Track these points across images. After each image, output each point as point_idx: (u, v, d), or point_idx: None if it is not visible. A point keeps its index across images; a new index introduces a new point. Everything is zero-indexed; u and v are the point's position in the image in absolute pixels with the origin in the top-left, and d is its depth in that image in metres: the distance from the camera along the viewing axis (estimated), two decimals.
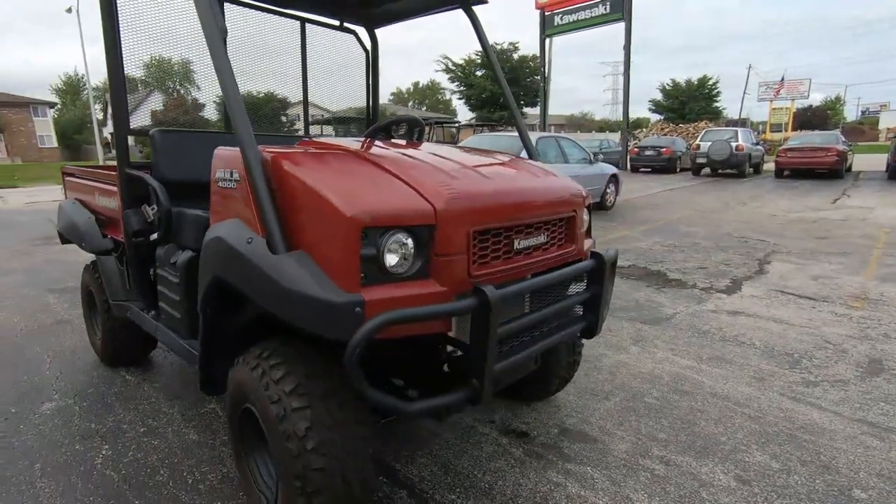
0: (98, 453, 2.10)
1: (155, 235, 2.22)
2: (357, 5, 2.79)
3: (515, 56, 26.32)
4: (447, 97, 29.51)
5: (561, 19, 20.87)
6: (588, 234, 2.25)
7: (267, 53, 3.07)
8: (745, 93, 39.38)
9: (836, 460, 2.08)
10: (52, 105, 40.99)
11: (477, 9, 2.56)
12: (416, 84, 79.36)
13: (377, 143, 1.99)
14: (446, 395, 1.45)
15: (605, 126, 52.66)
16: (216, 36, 1.49)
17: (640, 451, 2.14)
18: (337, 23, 3.02)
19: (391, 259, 1.36)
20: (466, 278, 1.45)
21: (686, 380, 2.79)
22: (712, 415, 2.43)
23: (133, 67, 2.65)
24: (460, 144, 8.95)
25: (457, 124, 21.31)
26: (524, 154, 6.56)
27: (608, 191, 9.56)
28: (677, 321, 3.75)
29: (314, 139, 1.93)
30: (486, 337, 1.39)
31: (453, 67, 26.60)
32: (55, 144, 39.11)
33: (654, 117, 40.94)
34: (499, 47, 25.98)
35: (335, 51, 3.21)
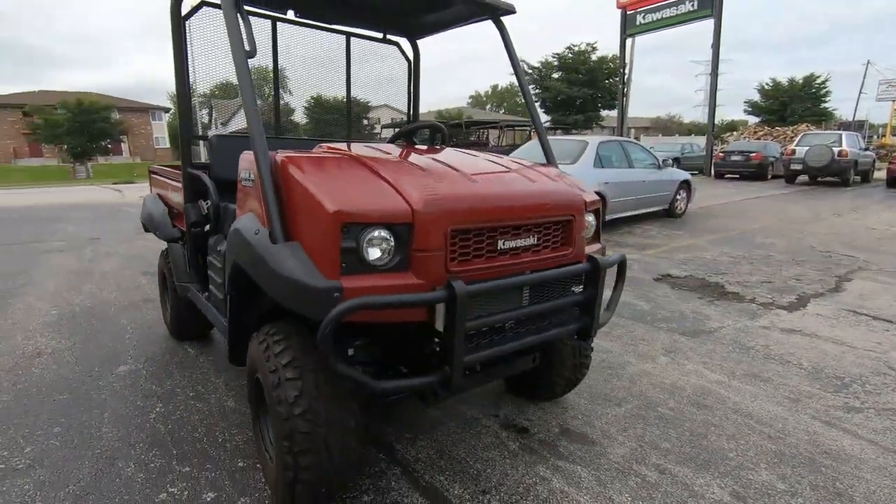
0: (153, 410, 2.47)
1: (208, 226, 2.57)
2: (399, 18, 3.00)
3: (594, 57, 25.56)
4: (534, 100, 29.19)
5: (644, 18, 20.04)
6: (597, 238, 2.27)
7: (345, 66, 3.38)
8: (860, 92, 35.25)
9: (853, 489, 1.95)
10: (166, 110, 45.99)
11: (514, 18, 2.66)
12: (494, 87, 79.48)
13: (390, 148, 2.17)
14: (416, 378, 1.59)
15: (693, 129, 49.51)
16: (241, 55, 1.74)
17: (638, 457, 2.14)
18: (380, 35, 3.25)
19: (372, 252, 1.53)
20: (444, 273, 1.58)
21: (710, 394, 2.70)
22: (727, 430, 2.35)
23: (229, 77, 3.09)
24: (518, 150, 8.96)
25: (529, 127, 21.12)
26: (587, 158, 6.49)
27: (678, 198, 9.11)
28: (720, 335, 3.58)
29: (331, 144, 2.14)
30: (452, 328, 1.52)
31: (529, 70, 26.38)
32: (168, 145, 43.93)
33: (752, 119, 37.83)
34: (576, 48, 25.42)
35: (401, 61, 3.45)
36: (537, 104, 28.74)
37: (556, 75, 26.57)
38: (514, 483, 1.96)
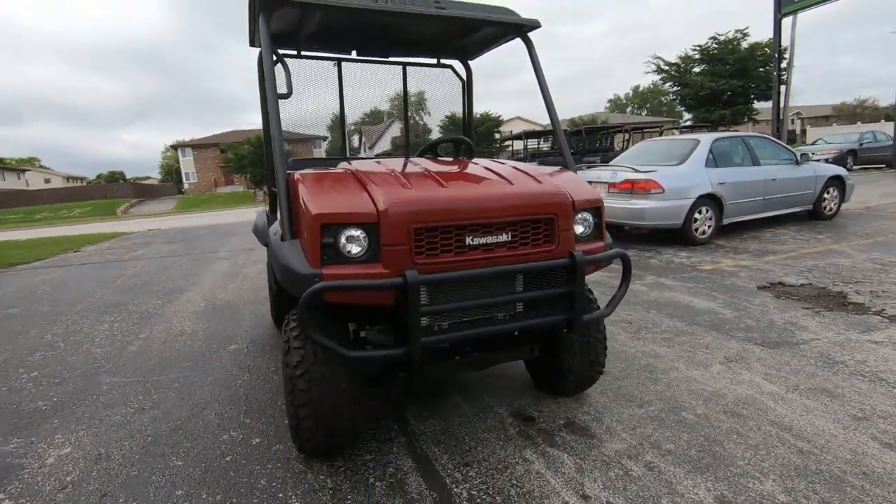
0: (241, 377, 3.14)
1: None
2: (449, 44, 3.35)
3: (744, 44, 22.71)
4: (672, 98, 26.99)
5: None
6: (600, 236, 2.32)
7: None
8: None
9: None
10: (324, 139, 52.60)
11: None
12: (635, 88, 74.98)
13: (397, 162, 2.51)
14: (379, 350, 1.90)
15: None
16: (273, 94, 2.23)
17: (632, 453, 2.13)
18: (434, 60, 3.64)
19: (349, 246, 1.88)
20: (410, 264, 1.87)
21: (752, 404, 2.50)
22: (751, 440, 2.19)
23: (380, 102, 3.81)
24: (625, 152, 8.58)
25: (657, 128, 19.66)
26: (697, 158, 6.35)
27: (826, 197, 7.84)
28: (806, 348, 3.19)
29: (351, 160, 2.56)
30: (408, 311, 1.80)
31: (666, 67, 24.45)
32: None
33: None
34: (721, 37, 22.88)
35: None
36: (676, 101, 26.61)
37: (697, 69, 24.23)
38: (497, 461, 2.13)
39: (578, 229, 2.26)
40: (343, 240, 1.88)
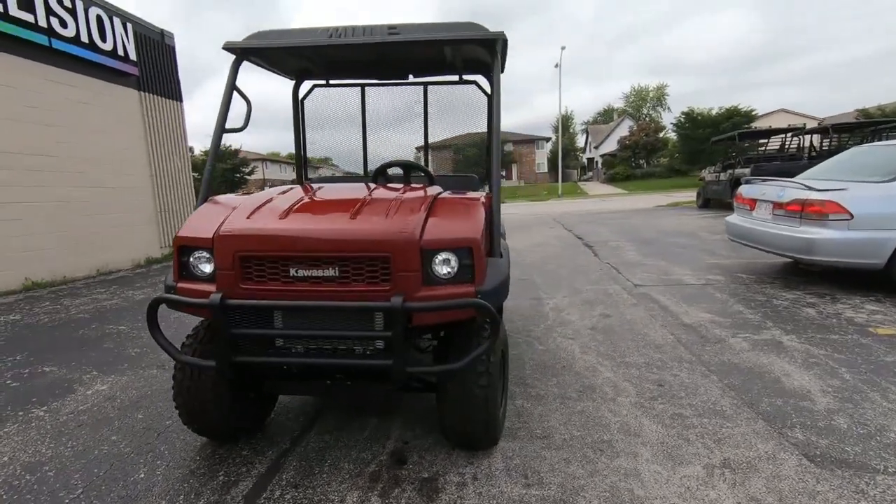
0: None
1: None
2: (469, 62, 3.29)
3: None
4: None
5: None
6: (472, 280, 2.04)
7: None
8: None
9: None
10: (547, 139, 53.13)
11: None
12: None
13: (295, 190, 2.60)
14: (200, 360, 2.11)
15: None
16: (220, 125, 2.59)
17: None
18: (456, 77, 3.57)
19: (199, 266, 2.16)
20: (237, 288, 2.04)
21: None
22: None
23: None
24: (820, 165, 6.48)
25: None
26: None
27: None
28: (882, 479, 2.08)
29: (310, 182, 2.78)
30: (215, 330, 1.98)
31: None
32: (545, 170, 50.67)
33: None
34: None
35: None
36: None
37: None
38: (322, 492, 2.11)
39: (442, 270, 2.05)
40: (192, 260, 2.17)
